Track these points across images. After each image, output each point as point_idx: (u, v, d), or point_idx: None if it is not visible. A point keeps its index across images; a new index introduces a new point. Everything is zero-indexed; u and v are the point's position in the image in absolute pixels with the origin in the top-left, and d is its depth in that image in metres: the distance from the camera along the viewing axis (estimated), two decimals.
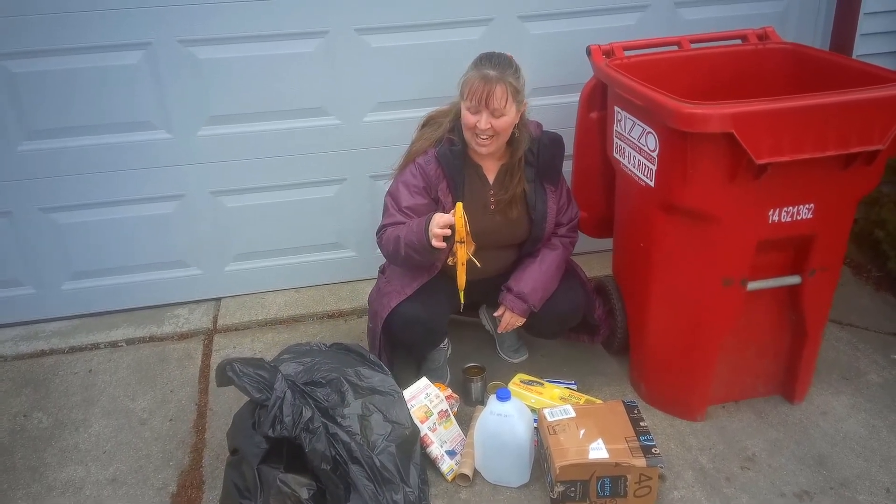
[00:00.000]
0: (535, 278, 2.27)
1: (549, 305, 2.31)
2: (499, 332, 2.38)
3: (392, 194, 2.24)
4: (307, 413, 1.90)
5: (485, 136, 2.10)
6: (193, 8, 2.51)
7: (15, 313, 2.87)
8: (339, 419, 1.93)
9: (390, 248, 2.17)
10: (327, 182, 2.86)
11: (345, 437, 1.89)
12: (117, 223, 2.77)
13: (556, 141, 2.26)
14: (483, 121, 2.07)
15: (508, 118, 2.09)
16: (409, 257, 2.12)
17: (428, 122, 2.29)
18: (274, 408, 1.90)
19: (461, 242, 2.00)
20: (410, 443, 1.98)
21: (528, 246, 2.32)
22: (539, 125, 2.29)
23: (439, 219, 2.01)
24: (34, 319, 2.89)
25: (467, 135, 2.15)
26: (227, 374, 2.00)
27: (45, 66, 2.50)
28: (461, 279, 2.08)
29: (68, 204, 2.71)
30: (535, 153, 2.23)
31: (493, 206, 2.25)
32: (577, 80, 2.51)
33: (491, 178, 2.26)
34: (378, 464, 1.87)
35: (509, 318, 2.30)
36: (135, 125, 2.64)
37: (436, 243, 2.00)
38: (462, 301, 2.15)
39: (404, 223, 2.16)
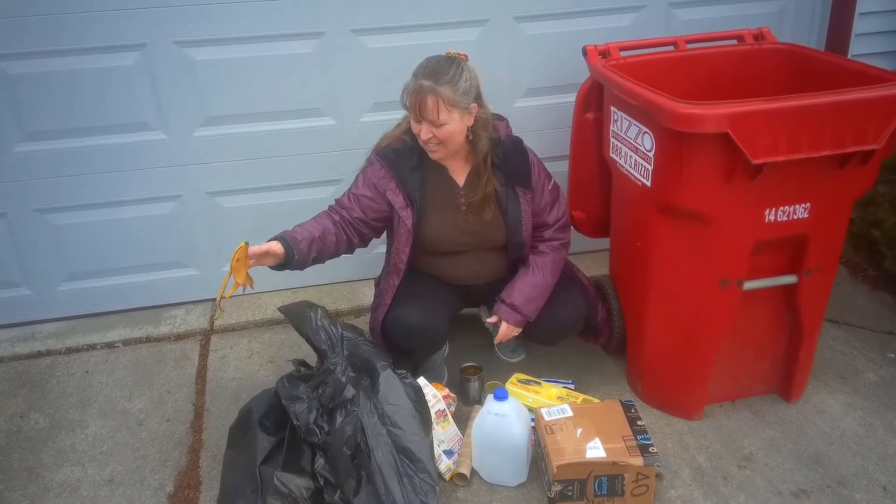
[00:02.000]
0: (529, 288, 2.25)
1: (549, 315, 2.30)
2: (496, 342, 2.36)
3: (355, 181, 2.26)
4: (349, 392, 1.93)
5: (432, 144, 2.11)
6: (188, 9, 2.51)
7: (11, 314, 2.87)
8: (374, 402, 1.96)
9: None
10: (323, 183, 2.86)
11: (375, 422, 1.92)
12: (113, 224, 2.77)
13: (516, 145, 2.24)
14: (423, 131, 2.07)
15: (450, 126, 2.07)
16: None
17: (398, 124, 2.30)
18: (325, 374, 1.96)
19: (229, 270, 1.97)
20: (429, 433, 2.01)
21: (512, 250, 2.30)
22: (507, 125, 2.27)
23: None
24: (30, 320, 2.89)
25: (420, 141, 2.15)
26: (306, 313, 2.13)
27: (40, 68, 2.50)
28: (218, 299, 2.01)
29: (64, 205, 2.71)
30: (500, 156, 2.22)
31: (464, 209, 2.24)
32: (573, 80, 2.51)
33: (460, 179, 2.25)
34: (407, 447, 1.90)
35: (506, 329, 2.28)
36: (131, 126, 2.64)
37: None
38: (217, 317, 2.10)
39: (336, 212, 2.21)
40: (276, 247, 2.02)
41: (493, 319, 2.31)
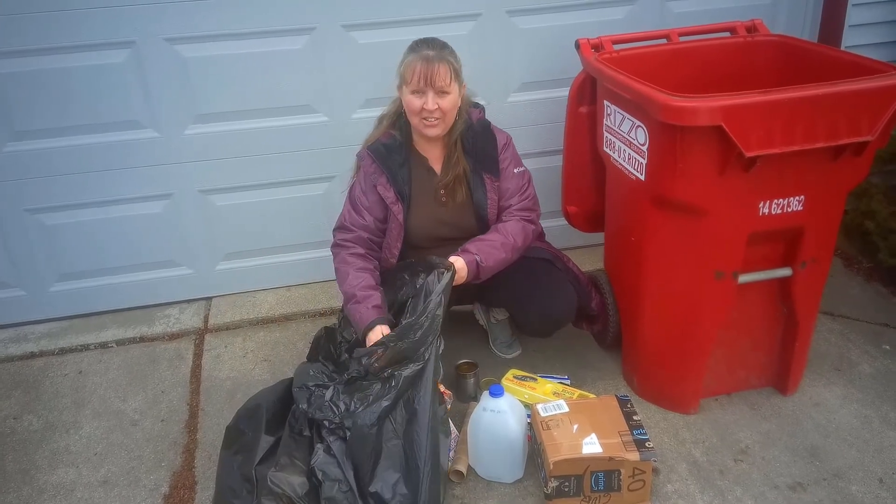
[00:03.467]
0: (486, 237, 2.22)
1: (541, 306, 2.29)
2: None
3: (351, 194, 2.30)
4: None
5: (433, 118, 2.11)
6: (178, 6, 2.49)
7: (3, 315, 2.85)
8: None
9: (338, 280, 2.26)
10: (316, 179, 2.84)
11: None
12: (105, 223, 2.75)
13: (485, 127, 2.26)
14: (430, 101, 2.08)
15: (453, 97, 2.12)
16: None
17: (377, 124, 2.31)
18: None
19: None
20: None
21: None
22: (481, 112, 2.29)
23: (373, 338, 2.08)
24: (23, 321, 2.87)
25: (414, 120, 2.15)
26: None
27: (28, 67, 2.48)
28: None
29: (55, 205, 2.69)
30: (470, 141, 2.23)
31: (444, 198, 2.25)
32: (566, 74, 2.50)
33: (438, 168, 2.26)
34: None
35: (460, 265, 2.16)
36: (121, 124, 2.62)
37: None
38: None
39: (353, 244, 2.26)
40: (386, 329, 2.10)
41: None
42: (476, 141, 2.23)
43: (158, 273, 2.90)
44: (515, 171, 2.29)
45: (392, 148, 2.21)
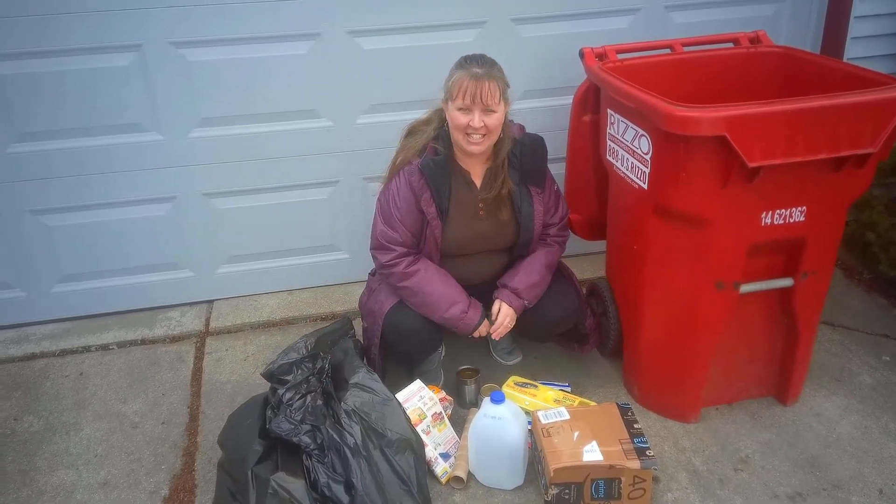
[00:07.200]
0: (531, 274, 2.27)
1: (541, 309, 2.31)
2: (493, 333, 2.31)
3: (382, 207, 2.23)
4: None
5: (477, 136, 2.11)
6: (184, 10, 2.50)
7: (4, 316, 2.85)
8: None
9: (407, 297, 2.23)
10: (320, 184, 2.85)
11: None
12: (108, 225, 2.76)
13: (537, 141, 2.27)
14: (476, 119, 2.08)
15: (499, 115, 2.11)
16: (433, 315, 2.24)
17: (410, 132, 2.28)
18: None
19: None
20: None
21: (518, 249, 2.32)
22: (521, 127, 2.31)
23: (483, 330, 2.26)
24: (24, 322, 2.87)
25: (458, 136, 2.14)
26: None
27: (34, 68, 2.49)
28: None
29: (58, 206, 2.70)
30: (517, 155, 2.24)
31: (482, 213, 2.25)
32: (570, 83, 2.51)
33: (478, 182, 2.26)
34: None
35: (506, 312, 2.26)
36: (126, 127, 2.63)
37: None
38: None
39: (404, 256, 2.21)
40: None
41: (494, 308, 2.27)
42: (524, 154, 2.24)
43: (160, 276, 2.90)
44: (554, 187, 2.35)
45: (441, 165, 2.18)
